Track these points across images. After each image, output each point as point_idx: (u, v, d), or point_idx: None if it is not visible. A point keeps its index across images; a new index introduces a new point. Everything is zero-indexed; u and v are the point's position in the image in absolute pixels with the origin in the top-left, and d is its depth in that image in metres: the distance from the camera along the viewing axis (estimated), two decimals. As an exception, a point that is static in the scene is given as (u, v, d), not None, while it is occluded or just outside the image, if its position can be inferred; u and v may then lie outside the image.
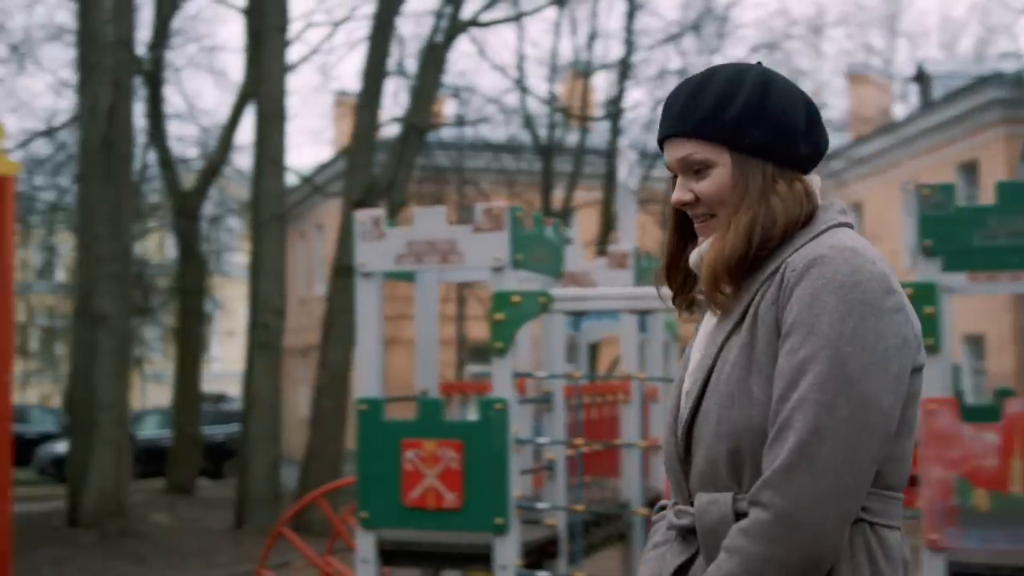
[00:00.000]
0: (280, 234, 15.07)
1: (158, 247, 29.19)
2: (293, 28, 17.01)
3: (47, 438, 25.30)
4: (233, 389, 29.14)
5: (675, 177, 2.12)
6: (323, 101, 46.83)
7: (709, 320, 2.13)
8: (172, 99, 33.37)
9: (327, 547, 7.99)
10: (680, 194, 2.10)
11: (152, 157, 21.27)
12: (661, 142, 2.13)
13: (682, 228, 2.16)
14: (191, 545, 13.33)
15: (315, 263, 30.03)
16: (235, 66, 55.64)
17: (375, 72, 15.64)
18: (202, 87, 57.22)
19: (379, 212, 6.29)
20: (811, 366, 1.87)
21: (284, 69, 15.44)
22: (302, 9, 65.65)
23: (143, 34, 18.42)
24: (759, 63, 2.14)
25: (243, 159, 24.25)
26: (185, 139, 23.67)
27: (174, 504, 17.42)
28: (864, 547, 1.90)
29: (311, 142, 73.66)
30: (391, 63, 16.99)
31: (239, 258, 28.58)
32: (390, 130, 18.48)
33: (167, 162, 20.30)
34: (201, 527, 14.91)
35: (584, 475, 7.19)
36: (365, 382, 6.08)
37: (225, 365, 34.39)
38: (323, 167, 27.10)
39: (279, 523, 7.88)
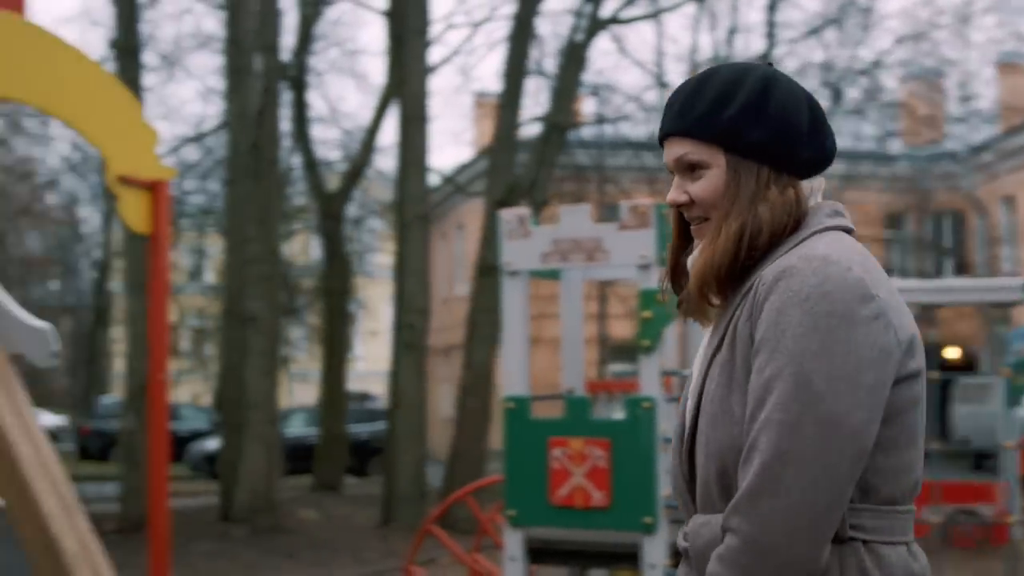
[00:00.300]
0: (424, 234, 15.22)
1: (303, 249, 29.76)
2: (433, 30, 17.16)
3: (198, 435, 26.00)
4: (376, 388, 29.57)
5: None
6: (463, 102, 47.21)
7: (705, 334, 2.07)
8: (316, 103, 34.03)
9: (474, 544, 8.02)
10: (675, 195, 2.03)
11: (297, 160, 21.69)
12: (662, 141, 2.06)
13: (685, 230, 2.08)
14: (339, 541, 13.55)
15: (456, 263, 30.28)
16: (376, 69, 56.53)
17: (515, 72, 15.69)
18: (344, 90, 58.21)
19: (524, 211, 6.30)
20: (775, 385, 1.80)
21: (425, 71, 15.59)
22: (442, 11, 66.39)
23: (287, 40, 18.80)
24: (769, 63, 2.08)
25: (385, 161, 24.59)
26: (328, 142, 24.07)
27: (321, 501, 17.74)
28: (856, 567, 1.82)
29: (452, 143, 74.39)
30: (531, 63, 17.02)
31: (382, 259, 28.97)
32: (531, 129, 18.52)
33: (311, 165, 20.68)
34: (348, 523, 15.15)
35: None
36: (511, 380, 6.09)
37: (369, 364, 34.90)
38: (464, 167, 27.30)
39: (427, 520, 7.94)
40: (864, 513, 1.84)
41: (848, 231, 2.00)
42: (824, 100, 22.30)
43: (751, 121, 1.95)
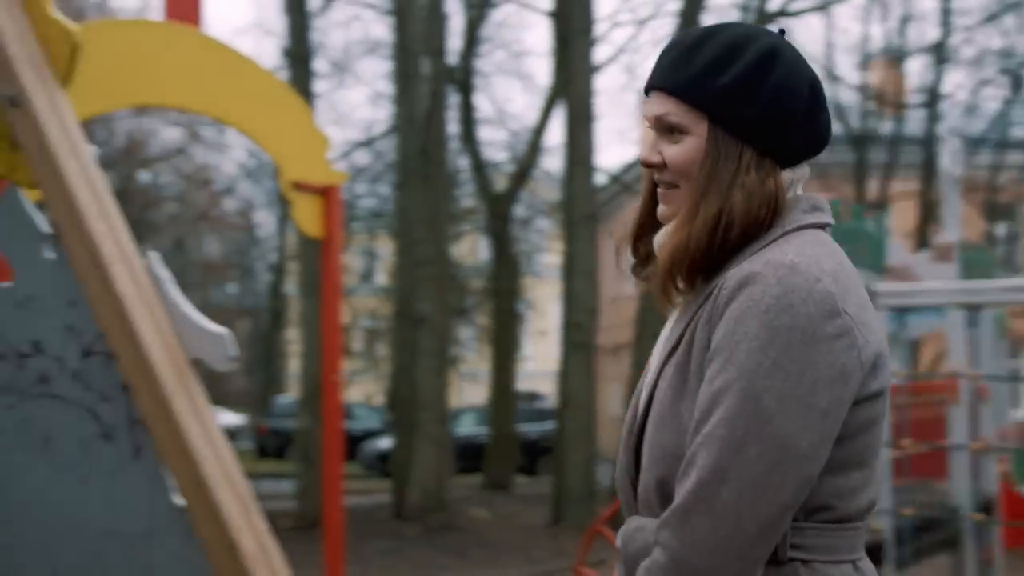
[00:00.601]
0: (591, 234, 15.21)
1: (472, 250, 30.06)
2: (598, 29, 17.14)
3: (371, 434, 26.48)
4: (545, 387, 29.66)
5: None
6: (629, 100, 46.98)
7: (667, 326, 1.92)
8: (482, 105, 34.33)
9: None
10: (649, 154, 1.86)
11: (464, 162, 21.91)
12: (647, 91, 1.88)
13: (656, 193, 1.91)
14: (510, 540, 13.63)
15: (627, 262, 30.12)
16: (542, 70, 56.77)
17: (681, 68, 15.54)
18: (511, 92, 58.58)
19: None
20: (723, 398, 1.66)
21: (591, 71, 15.58)
22: (607, 10, 66.25)
23: (454, 43, 19.00)
24: (781, 30, 1.89)
25: (552, 161, 24.64)
26: (496, 143, 24.25)
27: (492, 500, 17.87)
28: None
29: (618, 141, 74.14)
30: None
31: (550, 259, 29.05)
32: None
33: (479, 166, 20.88)
34: (519, 523, 15.23)
35: (910, 477, 6.89)
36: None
37: (538, 364, 35.04)
38: (631, 166, 27.21)
39: (596, 521, 7.92)
40: (808, 532, 1.73)
41: (826, 227, 1.86)
42: (1003, 89, 21.52)
43: (744, 94, 1.78)
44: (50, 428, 3.43)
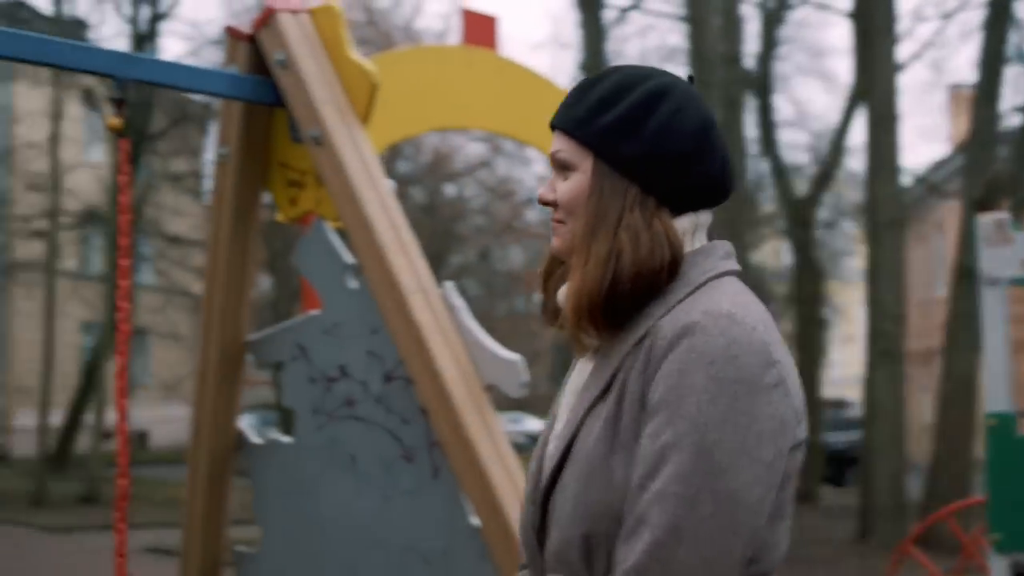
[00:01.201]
0: (898, 238, 14.67)
1: (774, 255, 29.56)
2: (901, 25, 16.53)
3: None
4: (853, 394, 28.81)
5: None
6: (936, 97, 45.04)
7: (581, 369, 1.82)
8: (782, 107, 33.68)
9: (956, 567, 7.63)
10: (544, 191, 1.83)
11: (764, 167, 21.57)
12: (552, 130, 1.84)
13: None
14: (815, 554, 13.31)
15: (935, 265, 28.94)
16: (843, 68, 55.13)
17: (992, 61, 14.78)
18: (811, 93, 57.23)
19: (1004, 216, 5.90)
20: (673, 454, 1.58)
21: (894, 69, 15.03)
22: (910, 5, 63.69)
23: (750, 46, 18.76)
24: (690, 76, 1.85)
25: (855, 162, 23.95)
26: (796, 146, 23.79)
27: (796, 512, 17.49)
28: None
29: (925, 140, 71.15)
30: (1010, 49, 15.97)
31: (855, 262, 28.23)
32: (1012, 121, 17.38)
33: (779, 170, 20.51)
34: (823, 537, 14.85)
35: None
36: (993, 395, 5.72)
37: (844, 370, 34.11)
38: (940, 165, 26.08)
39: (906, 541, 7.65)
40: None
41: (739, 273, 1.79)
42: None
43: (625, 131, 1.75)
44: (355, 448, 3.62)
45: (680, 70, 21.65)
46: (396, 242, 3.42)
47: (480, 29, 6.43)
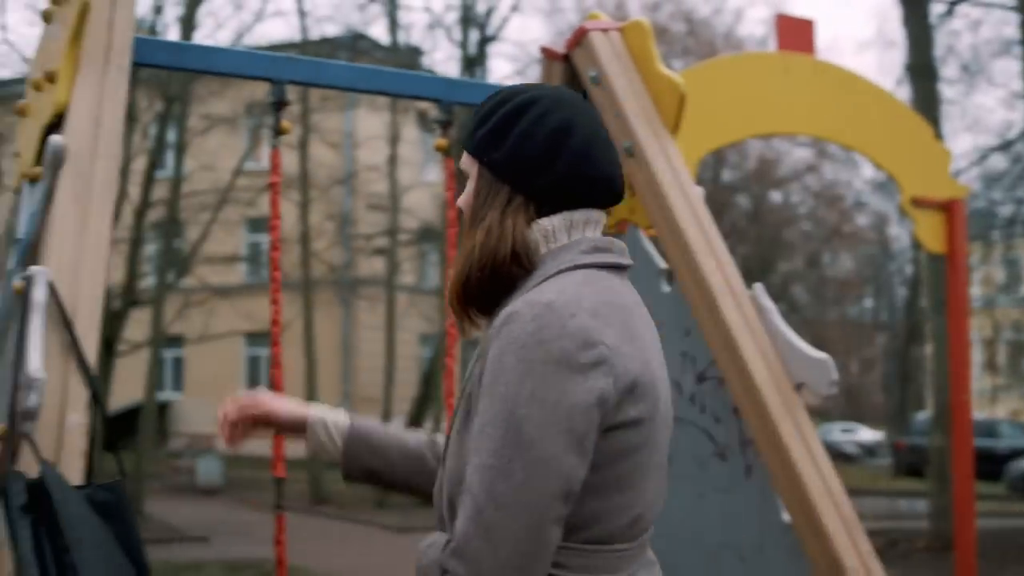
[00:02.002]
0: None
1: None
2: None
3: (1018, 453, 25.05)
4: None
5: None
6: None
7: None
8: None
9: None
10: (459, 200, 2.07)
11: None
12: None
13: None
14: None
15: None
16: None
17: None
18: None
19: None
20: (489, 430, 1.78)
21: None
22: None
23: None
24: (583, 92, 1.94)
25: None
26: None
27: None
28: None
29: None
30: None
31: None
32: None
33: None
34: None
35: None
36: None
37: None
38: None
39: None
40: (569, 552, 1.83)
41: (610, 267, 1.96)
42: None
43: (496, 140, 1.98)
44: (671, 447, 3.75)
45: (1017, 64, 20.45)
46: (706, 246, 3.53)
47: (796, 34, 6.43)
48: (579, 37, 3.86)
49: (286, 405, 2.36)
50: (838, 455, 30.59)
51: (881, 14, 46.72)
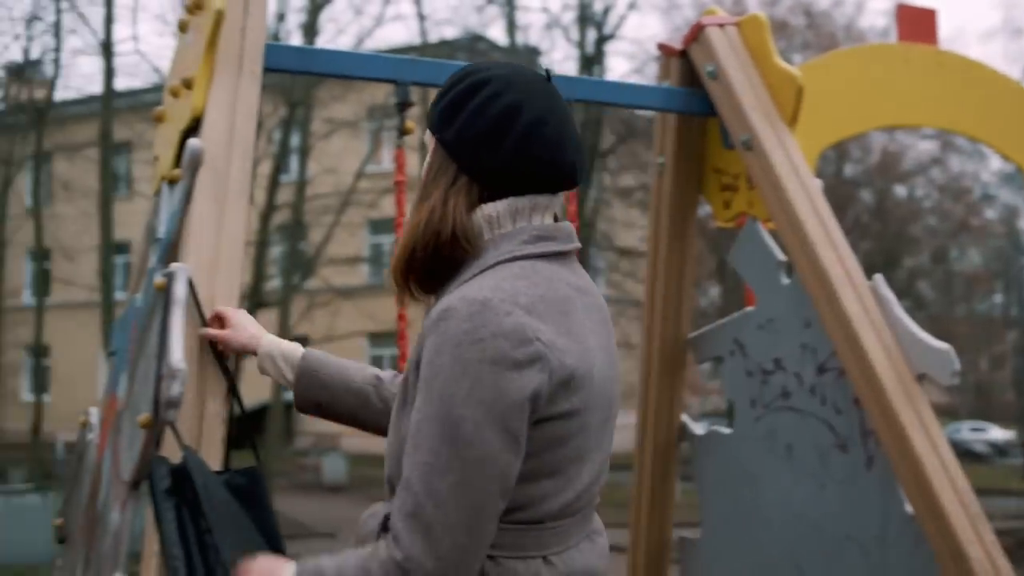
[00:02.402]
0: None
1: None
2: None
3: None
4: None
5: None
6: None
7: None
8: None
9: None
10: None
11: None
12: None
13: None
14: None
15: None
16: None
17: None
18: None
19: None
20: (426, 427, 1.81)
21: None
22: None
23: None
24: (547, 71, 2.06)
25: None
26: None
27: None
28: None
29: None
30: None
31: None
32: None
33: None
34: None
35: None
36: None
37: None
38: None
39: None
40: (502, 532, 1.88)
41: (552, 255, 1.96)
42: None
43: (448, 118, 1.99)
44: (792, 437, 3.76)
45: None
46: (825, 237, 3.54)
47: (918, 24, 6.35)
48: (696, 33, 3.90)
49: (240, 335, 2.53)
50: (968, 454, 29.92)
51: (1007, 2, 45.56)
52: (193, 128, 2.98)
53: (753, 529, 3.91)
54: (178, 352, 2.43)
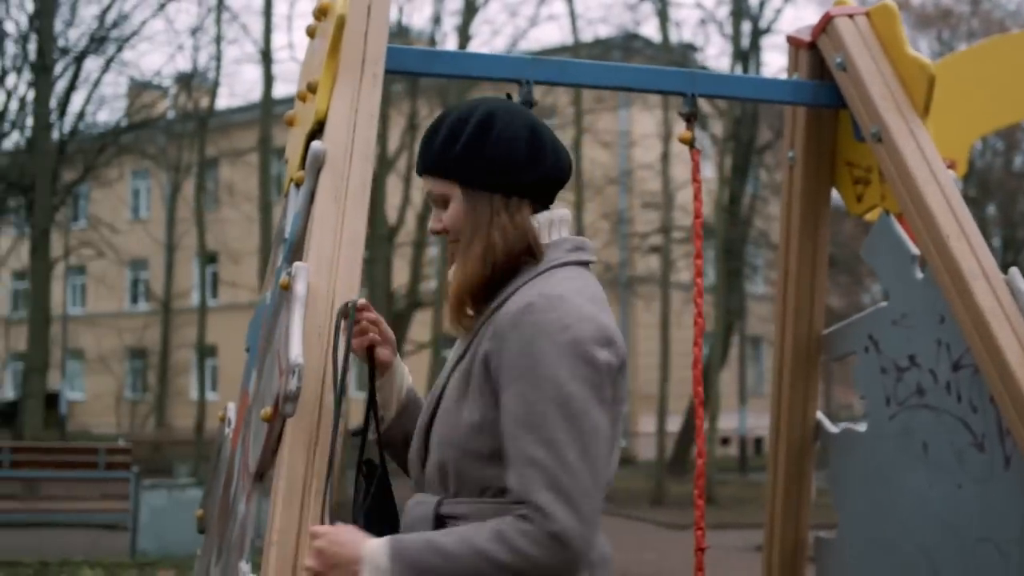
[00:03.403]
0: None
1: None
2: None
3: None
4: None
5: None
6: None
7: (456, 344, 2.34)
8: None
9: None
10: (433, 223, 2.33)
11: None
12: (419, 174, 2.34)
13: None
14: None
15: None
16: None
17: None
18: None
19: None
20: (542, 408, 2.03)
21: None
22: None
23: None
24: (508, 95, 2.39)
25: None
26: None
27: None
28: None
29: None
30: None
31: None
32: None
33: None
34: None
35: None
36: None
37: None
38: None
39: None
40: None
41: (585, 264, 2.28)
42: None
43: (474, 156, 2.23)
44: (927, 436, 3.67)
45: None
46: (957, 230, 3.44)
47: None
48: (824, 24, 3.83)
49: (390, 350, 2.60)
50: None
51: None
52: (317, 131, 3.06)
53: (888, 529, 3.83)
54: (296, 347, 2.50)
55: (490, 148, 2.25)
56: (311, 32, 3.36)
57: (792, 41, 4.00)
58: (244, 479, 2.85)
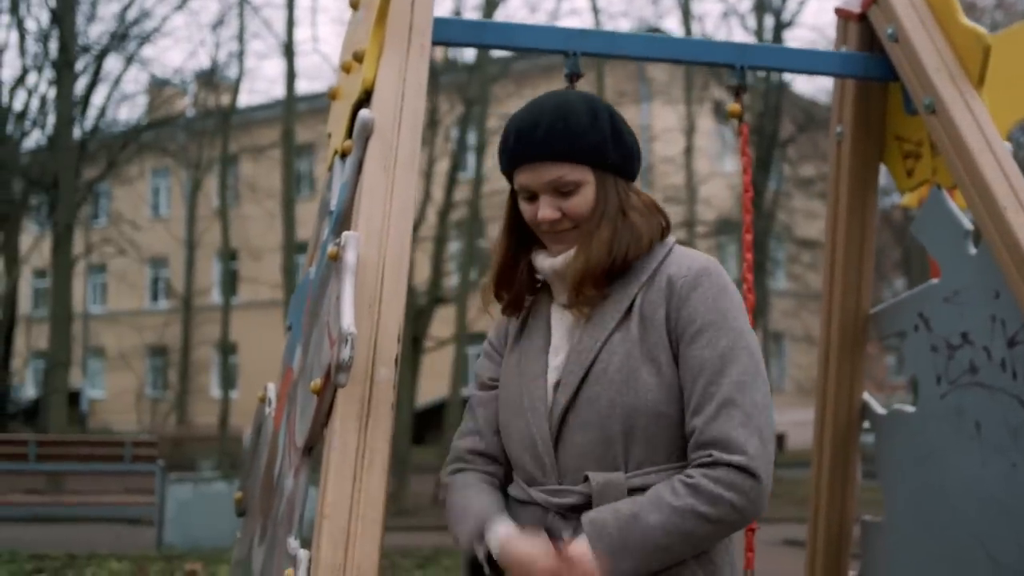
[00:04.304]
0: None
1: None
2: None
3: None
4: None
5: (530, 197, 2.40)
6: None
7: (562, 321, 2.43)
8: None
9: None
10: (550, 212, 2.35)
11: None
12: (518, 167, 2.39)
13: (517, 239, 2.49)
14: None
15: None
16: None
17: None
18: None
19: None
20: (735, 354, 2.24)
21: None
22: None
23: None
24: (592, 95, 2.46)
25: None
26: None
27: None
28: None
29: None
30: None
31: None
32: None
33: None
34: None
35: None
36: None
37: None
38: None
39: None
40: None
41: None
42: None
43: (613, 144, 2.36)
44: (980, 415, 3.59)
45: None
46: (1015, 202, 3.36)
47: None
48: (875, -6, 3.76)
49: None
50: None
51: None
52: (364, 101, 3.01)
53: (939, 512, 3.75)
54: (348, 317, 2.45)
55: (627, 135, 2.42)
56: (355, 3, 3.31)
57: (841, 13, 3.92)
58: (291, 454, 2.80)
